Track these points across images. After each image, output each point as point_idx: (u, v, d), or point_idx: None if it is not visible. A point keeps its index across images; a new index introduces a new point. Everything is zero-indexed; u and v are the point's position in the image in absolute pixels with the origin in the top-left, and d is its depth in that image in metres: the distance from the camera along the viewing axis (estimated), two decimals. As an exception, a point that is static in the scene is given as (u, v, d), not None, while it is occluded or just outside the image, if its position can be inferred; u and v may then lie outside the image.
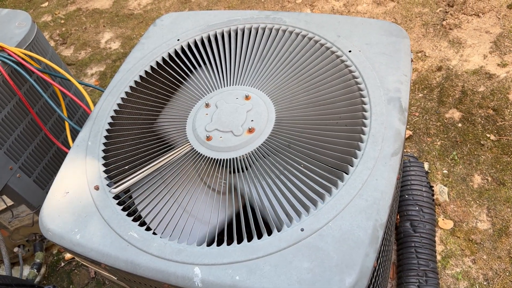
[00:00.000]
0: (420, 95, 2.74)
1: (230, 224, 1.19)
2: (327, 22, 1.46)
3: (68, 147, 2.04)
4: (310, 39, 1.43)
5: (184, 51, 1.54)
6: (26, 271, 2.32)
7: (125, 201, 1.21)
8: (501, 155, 2.34)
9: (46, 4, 4.55)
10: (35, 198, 2.10)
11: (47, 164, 2.17)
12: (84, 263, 1.27)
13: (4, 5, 4.67)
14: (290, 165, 1.18)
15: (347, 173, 1.09)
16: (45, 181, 2.17)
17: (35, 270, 2.25)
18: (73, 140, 1.76)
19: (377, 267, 1.06)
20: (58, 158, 2.26)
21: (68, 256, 2.45)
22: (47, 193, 2.13)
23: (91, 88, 3.42)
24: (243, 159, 1.22)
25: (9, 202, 2.02)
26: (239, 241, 1.04)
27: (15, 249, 2.30)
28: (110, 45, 3.83)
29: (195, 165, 1.27)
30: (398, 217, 2.05)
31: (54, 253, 2.50)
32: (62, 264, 2.45)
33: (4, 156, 1.90)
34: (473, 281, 1.98)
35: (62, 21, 4.24)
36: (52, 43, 3.99)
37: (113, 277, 1.24)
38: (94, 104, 1.59)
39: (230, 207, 1.21)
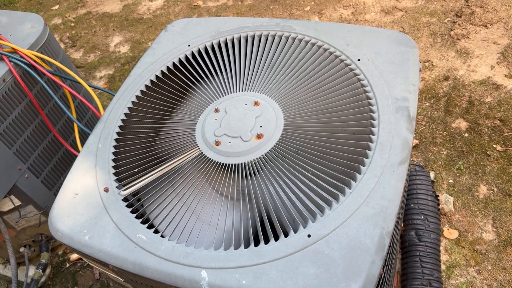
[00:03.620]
0: (427, 104, 2.74)
1: (237, 229, 1.20)
2: (337, 31, 1.48)
3: (77, 149, 2.06)
4: (319, 47, 1.44)
5: (195, 57, 1.56)
6: (32, 271, 2.33)
7: (134, 204, 1.22)
8: (507, 166, 2.34)
9: (57, 7, 4.60)
10: (42, 198, 2.12)
11: (55, 165, 2.19)
12: (92, 264, 1.28)
13: (15, 8, 4.73)
14: (298, 171, 1.19)
15: (354, 181, 1.10)
16: (52, 182, 2.19)
17: (41, 271, 2.27)
18: (82, 142, 1.78)
19: (382, 275, 1.07)
20: (66, 160, 2.28)
21: (73, 257, 2.47)
22: (54, 194, 2.18)
23: (99, 90, 3.45)
24: (251, 164, 1.23)
25: (17, 202, 2.04)
26: (246, 245, 1.05)
27: (21, 249, 2.32)
28: (119, 49, 3.86)
29: (203, 169, 1.28)
30: (402, 225, 2.05)
31: (59, 254, 2.51)
32: (67, 265, 2.46)
33: (13, 157, 1.92)
34: (477, 292, 1.98)
35: (72, 24, 4.29)
36: (62, 46, 4.03)
37: (120, 278, 1.26)
38: (103, 106, 1.61)
39: (237, 211, 1.22)
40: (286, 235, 1.05)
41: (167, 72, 1.52)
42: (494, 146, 2.43)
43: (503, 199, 2.23)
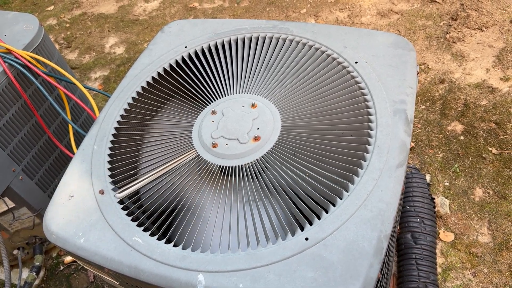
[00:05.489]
0: (423, 107, 2.75)
1: (233, 230, 1.19)
2: (334, 33, 1.47)
3: (72, 151, 2.04)
4: (316, 49, 1.44)
5: (192, 58, 1.55)
6: (25, 274, 2.31)
7: (130, 206, 1.21)
8: (503, 168, 2.35)
9: (52, 7, 4.58)
10: (36, 200, 2.10)
11: (49, 167, 2.18)
12: (87, 267, 1.27)
13: (10, 8, 4.70)
14: (295, 174, 1.18)
15: (352, 184, 1.10)
16: (47, 184, 2.17)
17: (34, 273, 2.25)
18: (76, 143, 1.77)
19: (380, 278, 1.06)
20: (61, 161, 2.26)
21: (67, 259, 2.45)
22: (49, 196, 2.16)
23: (94, 92, 3.43)
24: (249, 166, 1.23)
25: (11, 204, 2.02)
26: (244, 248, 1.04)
27: (15, 252, 2.30)
28: (114, 50, 3.84)
29: (200, 171, 1.27)
30: (399, 228, 2.05)
31: (53, 256, 2.49)
32: (61, 267, 2.44)
33: (7, 158, 1.90)
34: (473, 295, 1.98)
35: (67, 25, 4.27)
36: (57, 47, 4.01)
37: (115, 281, 1.24)
38: (98, 108, 1.60)
39: (235, 213, 1.21)
40: (283, 238, 1.04)
41: (163, 74, 1.51)
42: (490, 149, 2.44)
43: (499, 202, 2.23)
